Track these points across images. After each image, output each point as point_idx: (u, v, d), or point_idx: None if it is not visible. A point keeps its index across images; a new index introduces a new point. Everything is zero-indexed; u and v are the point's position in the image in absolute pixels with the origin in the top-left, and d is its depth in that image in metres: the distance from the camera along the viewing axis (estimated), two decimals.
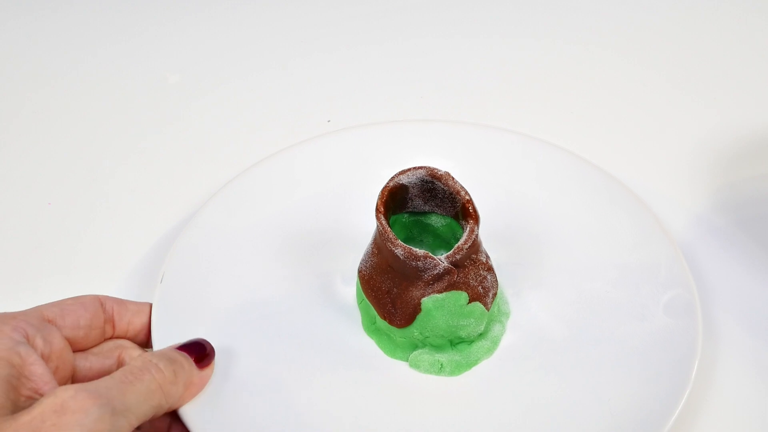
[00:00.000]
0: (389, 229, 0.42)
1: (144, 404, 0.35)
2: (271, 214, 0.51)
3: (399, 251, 0.41)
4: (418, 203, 0.46)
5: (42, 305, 0.39)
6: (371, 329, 0.46)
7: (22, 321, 0.36)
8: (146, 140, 0.59)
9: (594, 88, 0.64)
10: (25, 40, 0.66)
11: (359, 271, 0.45)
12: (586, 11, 0.71)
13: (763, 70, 0.65)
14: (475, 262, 0.43)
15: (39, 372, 0.35)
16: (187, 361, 0.39)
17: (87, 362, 0.40)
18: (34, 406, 0.32)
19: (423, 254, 0.41)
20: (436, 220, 0.46)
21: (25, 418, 0.32)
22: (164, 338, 0.42)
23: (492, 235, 0.46)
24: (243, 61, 0.66)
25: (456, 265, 0.42)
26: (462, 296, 0.43)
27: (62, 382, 0.38)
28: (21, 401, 0.34)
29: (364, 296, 0.45)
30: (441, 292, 0.42)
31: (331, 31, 0.69)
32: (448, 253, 0.42)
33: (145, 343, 0.43)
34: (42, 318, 0.38)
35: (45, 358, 0.37)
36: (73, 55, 0.65)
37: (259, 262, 0.49)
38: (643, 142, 0.59)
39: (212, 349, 0.41)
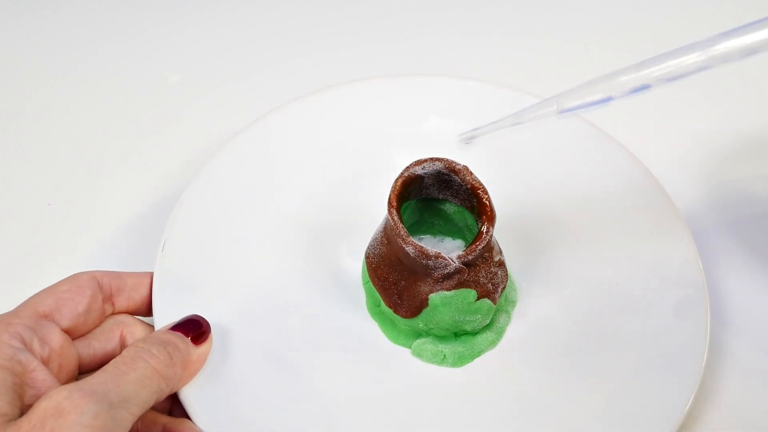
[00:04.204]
0: (401, 225, 0.41)
1: (142, 392, 0.35)
2: (275, 180, 0.50)
3: (410, 249, 0.41)
4: (432, 191, 0.45)
5: (36, 298, 0.39)
6: (375, 311, 0.46)
7: (18, 325, 0.36)
8: (146, 140, 0.59)
9: None
10: (25, 40, 0.66)
11: (366, 257, 0.45)
12: (586, 11, 0.70)
13: (764, 70, 0.65)
14: (486, 260, 0.43)
15: (41, 378, 0.35)
16: (181, 341, 0.39)
17: (90, 349, 0.40)
18: (31, 411, 0.32)
19: (434, 254, 0.41)
20: (450, 207, 0.46)
21: (26, 425, 0.32)
22: (165, 309, 0.42)
23: (504, 215, 0.45)
24: (243, 61, 0.66)
25: (467, 264, 0.42)
26: (471, 294, 0.42)
27: (68, 378, 0.38)
28: (25, 409, 0.34)
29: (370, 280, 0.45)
30: (450, 289, 0.42)
31: (331, 31, 0.68)
32: (461, 253, 0.41)
33: (147, 314, 0.43)
34: (37, 315, 0.38)
35: (45, 361, 0.36)
36: (73, 55, 0.65)
37: (261, 230, 0.48)
38: (642, 141, 0.59)
39: (208, 325, 0.40)
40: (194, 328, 0.40)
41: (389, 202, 0.42)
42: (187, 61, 0.65)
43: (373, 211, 0.46)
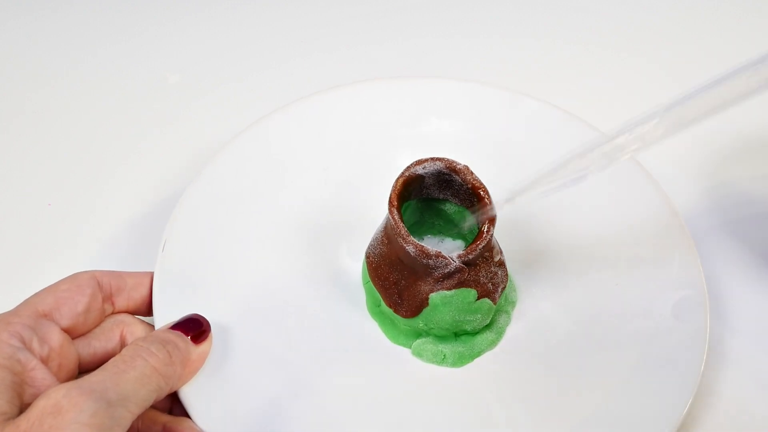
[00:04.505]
0: (402, 224, 0.41)
1: (141, 390, 0.35)
2: (275, 181, 0.50)
3: (410, 248, 0.41)
4: (432, 191, 0.45)
5: (35, 297, 0.39)
6: (375, 311, 0.46)
7: (18, 324, 0.36)
8: (146, 140, 0.59)
9: (593, 89, 0.64)
10: (25, 40, 0.66)
11: (367, 256, 0.45)
12: (586, 11, 0.70)
13: None
14: (487, 260, 0.43)
15: (40, 377, 0.35)
16: (181, 340, 0.38)
17: (90, 348, 0.40)
18: (29, 409, 0.32)
19: (435, 253, 0.41)
20: (450, 207, 0.46)
21: (25, 424, 0.32)
22: (166, 309, 0.42)
23: (504, 215, 0.44)
24: (243, 61, 0.66)
25: (468, 264, 0.42)
26: (471, 293, 0.42)
27: (68, 377, 0.38)
28: (24, 408, 0.34)
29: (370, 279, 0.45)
30: (450, 289, 0.42)
31: (331, 31, 0.68)
32: (461, 252, 0.41)
33: (147, 314, 0.43)
34: (36, 315, 0.37)
35: (45, 360, 0.36)
36: (73, 55, 0.65)
37: (262, 230, 0.48)
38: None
39: (208, 324, 0.40)
40: (194, 327, 0.40)
41: (390, 201, 0.42)
42: (187, 61, 0.65)
43: (373, 212, 0.47)
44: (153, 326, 0.42)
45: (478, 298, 0.43)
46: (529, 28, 0.70)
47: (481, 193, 0.42)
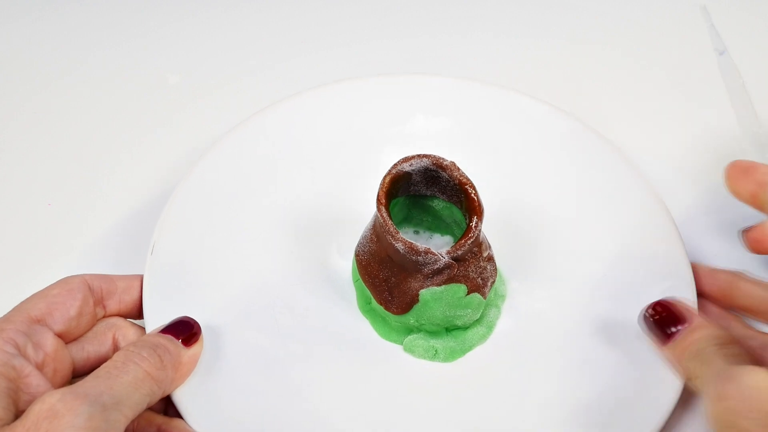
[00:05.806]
0: (390, 222, 0.41)
1: (135, 394, 0.35)
2: (263, 181, 0.50)
3: (400, 246, 0.41)
4: (420, 188, 0.45)
5: (27, 303, 0.39)
6: (366, 309, 0.46)
7: (11, 331, 0.37)
8: (147, 141, 0.59)
9: (581, 84, 0.64)
10: (25, 41, 0.66)
11: (356, 255, 0.45)
12: (586, 11, 0.70)
13: (761, 70, 0.65)
14: (476, 255, 0.43)
15: (35, 383, 0.36)
16: (172, 343, 0.39)
17: (83, 353, 0.40)
18: (25, 415, 0.33)
19: (424, 249, 0.41)
20: (438, 203, 0.46)
21: (21, 429, 0.32)
22: (156, 311, 0.42)
23: (492, 210, 0.45)
24: (243, 61, 0.65)
25: (457, 259, 0.42)
26: (461, 288, 0.42)
27: (62, 382, 0.38)
28: (20, 414, 0.34)
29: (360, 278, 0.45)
30: (440, 285, 0.42)
31: (331, 30, 0.68)
32: (449, 248, 0.41)
33: (138, 316, 0.43)
34: (29, 320, 0.38)
35: (40, 366, 0.37)
36: (72, 56, 0.65)
37: (251, 230, 0.48)
38: (641, 140, 0.58)
39: (198, 326, 0.40)
40: (184, 330, 0.40)
41: (378, 199, 0.42)
42: (188, 61, 0.65)
43: (361, 210, 0.47)
44: (145, 329, 0.42)
45: (468, 293, 0.43)
46: (515, 25, 0.69)
47: (468, 189, 0.42)
